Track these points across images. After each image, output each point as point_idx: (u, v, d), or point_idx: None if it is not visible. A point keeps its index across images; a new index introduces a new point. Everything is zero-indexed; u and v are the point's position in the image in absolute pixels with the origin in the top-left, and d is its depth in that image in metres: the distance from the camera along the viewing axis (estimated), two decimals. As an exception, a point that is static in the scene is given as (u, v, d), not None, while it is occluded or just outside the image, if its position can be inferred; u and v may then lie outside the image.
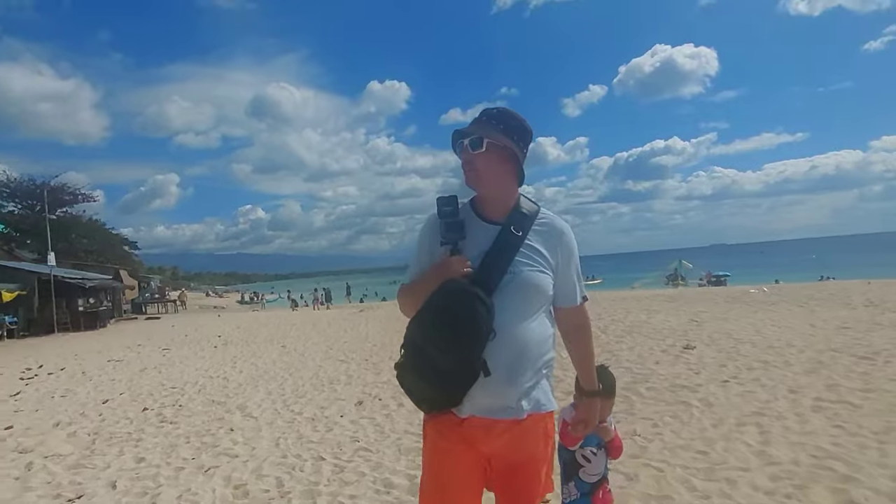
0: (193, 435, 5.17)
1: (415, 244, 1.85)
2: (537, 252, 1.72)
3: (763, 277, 33.57)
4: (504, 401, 1.64)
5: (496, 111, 1.77)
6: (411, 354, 1.65)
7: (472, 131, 1.72)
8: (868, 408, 4.36)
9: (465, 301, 1.56)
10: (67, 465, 4.49)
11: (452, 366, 1.58)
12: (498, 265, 1.65)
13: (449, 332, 1.56)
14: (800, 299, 13.10)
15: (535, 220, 1.76)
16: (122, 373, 9.27)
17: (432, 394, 1.65)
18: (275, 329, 16.08)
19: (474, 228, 1.73)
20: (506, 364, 1.62)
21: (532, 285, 1.68)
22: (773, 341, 7.36)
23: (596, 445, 2.24)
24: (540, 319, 1.73)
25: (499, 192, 1.76)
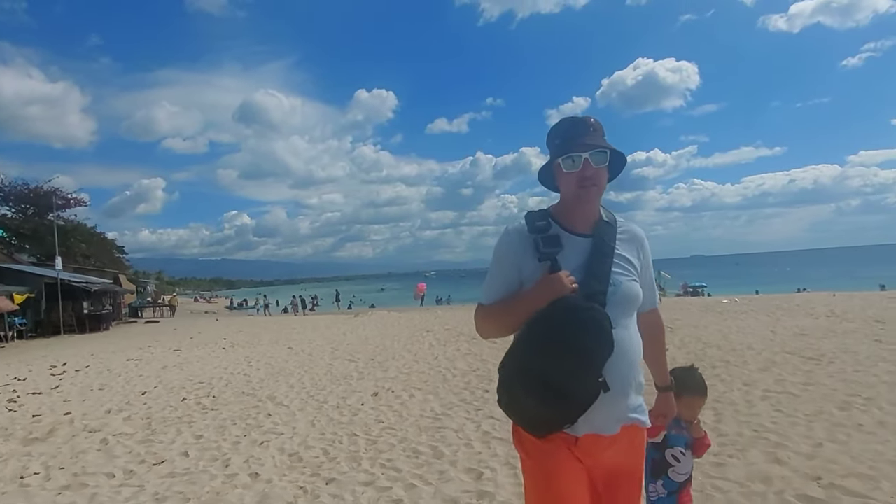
0: (237, 418, 5.99)
1: (494, 261, 1.74)
2: (627, 261, 1.71)
3: (740, 289, 34.93)
4: (618, 413, 1.63)
5: (594, 119, 1.72)
6: (526, 378, 1.56)
7: (592, 143, 1.66)
8: (805, 397, 5.33)
9: (592, 318, 1.52)
10: (137, 441, 5.31)
11: (579, 386, 1.53)
12: (600, 278, 1.62)
13: (580, 353, 1.51)
14: (768, 309, 14.18)
15: (616, 228, 1.75)
16: (146, 370, 10.02)
17: (552, 415, 1.57)
18: (277, 332, 16.87)
19: (567, 242, 1.67)
20: (621, 377, 1.60)
21: (632, 294, 1.67)
22: (736, 345, 8.39)
23: (684, 446, 2.30)
24: (636, 327, 1.73)
25: (597, 205, 1.75)
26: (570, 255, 1.64)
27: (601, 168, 1.65)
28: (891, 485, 3.23)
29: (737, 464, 3.74)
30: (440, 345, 11.18)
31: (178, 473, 4.31)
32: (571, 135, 1.67)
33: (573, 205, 1.71)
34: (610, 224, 1.73)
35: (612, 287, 1.62)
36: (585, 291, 1.57)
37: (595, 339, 1.51)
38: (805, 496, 3.17)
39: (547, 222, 1.68)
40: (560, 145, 1.69)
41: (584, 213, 1.71)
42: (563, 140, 1.69)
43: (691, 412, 2.31)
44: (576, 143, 1.64)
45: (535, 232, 1.66)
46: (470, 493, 3.59)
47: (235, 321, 25.49)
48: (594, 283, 1.60)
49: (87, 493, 3.99)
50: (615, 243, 1.69)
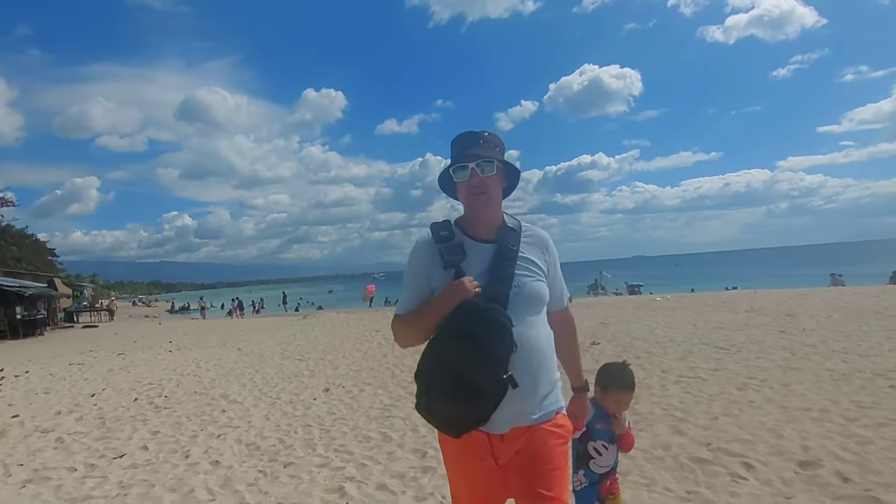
0: (192, 415, 6.23)
1: (406, 272, 1.87)
2: (532, 262, 1.82)
3: (676, 287, 36.76)
4: (530, 408, 1.73)
5: (487, 133, 1.85)
6: (440, 380, 1.66)
7: (480, 154, 1.79)
8: (712, 381, 6.03)
9: (492, 319, 1.62)
10: (93, 438, 5.50)
11: (486, 383, 1.61)
12: (503, 280, 1.74)
13: (482, 351, 1.60)
14: (695, 306, 15.24)
15: (521, 233, 1.87)
16: (90, 373, 9.98)
17: (464, 415, 1.66)
18: (224, 335, 16.85)
19: (471, 249, 1.79)
20: (529, 373, 1.70)
21: (536, 294, 1.79)
22: (660, 338, 9.18)
23: (608, 440, 2.38)
24: (545, 325, 1.84)
25: (495, 212, 1.86)
26: (474, 261, 1.77)
27: (489, 177, 1.78)
28: (765, 446, 3.89)
29: (645, 436, 4.32)
30: (389, 343, 11.55)
31: (139, 465, 4.57)
32: (463, 146, 1.84)
33: (471, 213, 1.85)
34: (514, 230, 1.86)
35: (515, 288, 1.75)
36: (488, 293, 1.70)
37: (496, 337, 1.61)
38: (696, 458, 3.77)
39: (450, 232, 1.81)
40: (454, 156, 1.85)
41: (484, 220, 1.84)
42: (456, 152, 1.85)
43: (618, 406, 2.36)
44: (465, 154, 1.80)
45: (440, 241, 1.79)
46: (415, 469, 4.04)
47: (179, 325, 25.07)
48: (497, 286, 1.73)
49: (52, 486, 4.21)
50: (519, 247, 1.82)
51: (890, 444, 3.79)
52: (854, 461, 3.54)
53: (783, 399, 5.07)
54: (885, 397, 4.91)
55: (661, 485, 3.42)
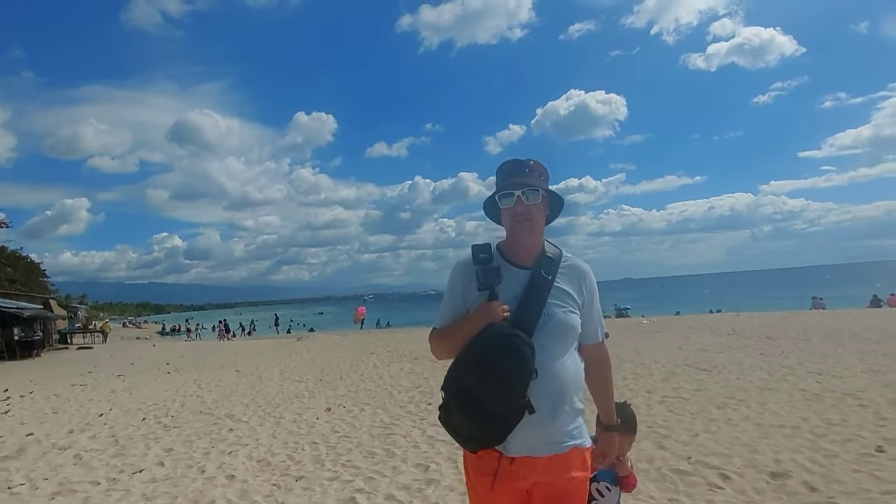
0: (201, 434, 6.51)
1: (446, 289, 1.92)
2: (566, 293, 1.84)
3: (663, 310, 37.32)
4: (547, 436, 1.74)
5: (533, 161, 1.89)
6: (459, 396, 1.72)
7: (526, 182, 1.83)
8: (693, 400, 6.42)
9: (512, 343, 1.66)
10: (110, 455, 5.76)
11: (501, 406, 1.66)
12: (533, 308, 1.77)
13: (499, 374, 1.65)
14: (680, 329, 15.71)
15: (559, 262, 1.89)
16: (94, 394, 10.20)
17: (480, 433, 1.71)
18: (221, 357, 17.06)
19: (507, 274, 1.82)
20: (548, 401, 1.71)
21: (566, 325, 1.80)
22: (646, 359, 9.59)
23: (611, 481, 2.33)
24: (573, 357, 1.84)
25: (537, 240, 1.89)
26: (509, 286, 1.80)
27: (534, 205, 1.82)
28: (740, 459, 4.27)
29: (631, 452, 4.68)
30: (384, 365, 11.86)
31: (159, 479, 4.86)
32: (509, 174, 1.87)
33: (513, 239, 1.88)
34: (552, 259, 1.88)
35: (544, 317, 1.77)
36: (515, 319, 1.74)
37: (513, 363, 1.65)
38: (677, 470, 4.14)
39: (489, 255, 1.86)
40: (499, 183, 1.90)
41: (525, 246, 1.87)
42: (502, 179, 1.89)
43: (620, 448, 2.28)
44: (511, 182, 1.84)
45: (478, 263, 1.83)
46: (420, 481, 4.37)
47: (173, 347, 25.18)
48: (525, 313, 1.76)
49: (79, 498, 4.49)
50: (555, 277, 1.84)
51: (854, 458, 4.17)
52: (820, 472, 3.92)
53: (759, 417, 5.47)
54: (852, 415, 5.31)
55: (646, 493, 3.78)
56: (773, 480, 3.85)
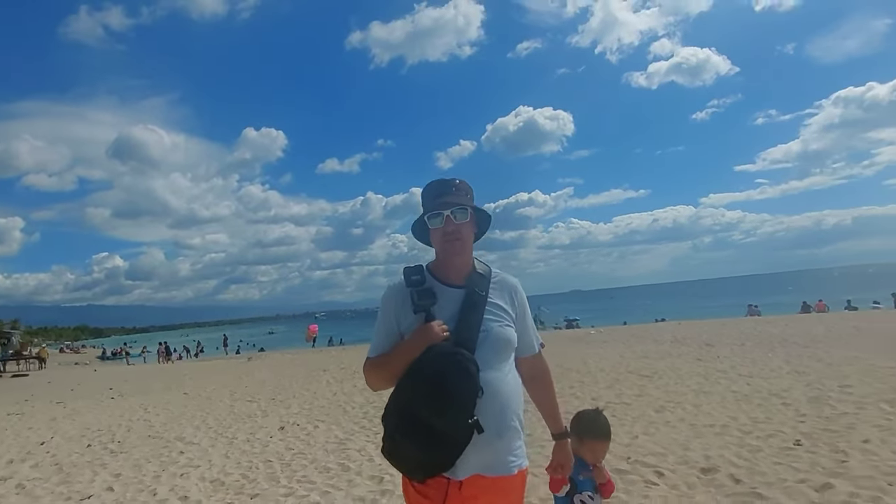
0: (151, 457, 6.41)
1: (378, 316, 1.89)
2: (500, 308, 1.86)
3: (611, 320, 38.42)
4: (495, 457, 1.74)
5: (459, 181, 1.92)
6: (406, 423, 1.67)
7: (454, 201, 1.84)
8: (634, 405, 6.76)
9: (458, 362, 1.64)
10: (55, 483, 5.62)
11: (451, 428, 1.63)
12: (471, 325, 1.76)
13: (448, 395, 1.62)
14: (625, 338, 16.29)
15: (490, 278, 1.90)
16: (33, 422, 9.79)
17: (430, 459, 1.66)
18: (168, 380, 16.59)
19: (441, 293, 1.81)
20: (494, 419, 1.71)
21: (504, 339, 1.81)
22: (591, 367, 9.98)
23: (593, 489, 2.33)
24: (512, 372, 1.87)
25: (467, 258, 1.91)
26: (444, 306, 1.79)
27: (463, 223, 1.84)
28: (674, 457, 4.58)
29: (576, 454, 4.94)
30: (337, 382, 11.86)
31: (108, 504, 4.81)
32: (436, 194, 1.88)
33: (444, 258, 1.89)
34: (483, 275, 1.90)
35: (482, 333, 1.77)
36: (456, 338, 1.73)
37: (461, 382, 1.63)
38: (617, 469, 4.40)
39: (421, 276, 1.85)
40: (427, 204, 1.89)
41: (455, 265, 1.88)
42: (430, 199, 1.89)
43: (594, 456, 2.34)
44: (439, 202, 1.84)
45: (411, 286, 1.82)
46: (374, 493, 4.50)
47: (116, 371, 24.23)
48: (465, 331, 1.75)
49: (25, 527, 4.41)
50: (488, 293, 1.86)
51: (776, 452, 4.54)
52: (745, 466, 4.26)
53: (693, 418, 5.84)
54: (776, 413, 5.74)
55: (588, 493, 4.02)
56: (703, 475, 4.16)
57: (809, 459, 4.25)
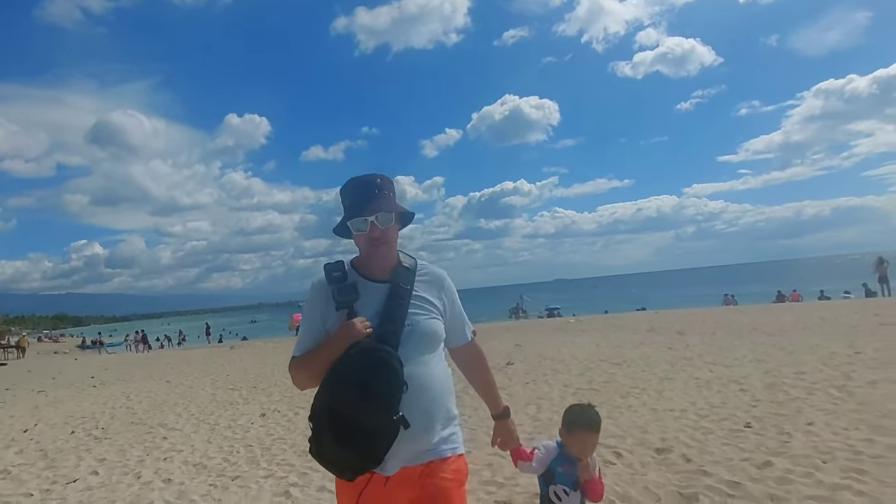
0: (134, 443, 6.60)
1: (303, 315, 1.89)
2: (426, 301, 1.85)
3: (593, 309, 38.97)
4: (423, 448, 1.72)
5: (380, 180, 1.85)
6: (330, 424, 1.65)
7: (379, 207, 1.79)
8: (602, 391, 7.08)
9: (381, 359, 1.63)
10: (40, 468, 5.80)
11: (376, 426, 1.61)
12: (396, 320, 1.74)
13: (372, 392, 1.60)
14: (603, 327, 16.67)
15: (416, 272, 1.89)
16: (15, 411, 9.89)
17: (358, 459, 1.65)
18: (150, 368, 16.67)
19: (365, 289, 1.80)
20: (422, 413, 1.69)
21: (430, 332, 1.80)
22: (566, 356, 10.30)
23: (570, 485, 2.24)
24: (442, 364, 1.86)
25: (393, 256, 1.89)
26: (368, 302, 1.78)
27: (388, 227, 1.82)
28: (632, 439, 4.89)
29: (541, 437, 5.23)
30: (319, 370, 12.08)
31: (94, 487, 5.01)
32: (359, 198, 1.82)
33: (369, 259, 1.87)
34: (409, 269, 1.89)
35: (407, 327, 1.76)
36: (379, 333, 1.71)
37: (384, 378, 1.61)
38: (578, 451, 4.70)
39: (343, 273, 1.82)
40: (349, 207, 1.85)
41: (379, 262, 1.86)
42: (352, 202, 1.84)
43: (582, 449, 2.25)
44: (363, 208, 1.79)
45: (333, 283, 1.80)
46: (350, 474, 4.74)
47: (96, 360, 24.21)
48: (388, 325, 1.74)
49: (13, 508, 4.59)
50: (413, 286, 1.85)
51: (726, 433, 4.85)
52: (696, 447, 4.56)
53: (655, 403, 6.16)
54: (733, 398, 6.07)
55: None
56: (658, 455, 4.46)
57: (756, 440, 4.57)
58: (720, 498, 3.51)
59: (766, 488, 3.58)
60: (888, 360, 7.20)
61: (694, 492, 3.64)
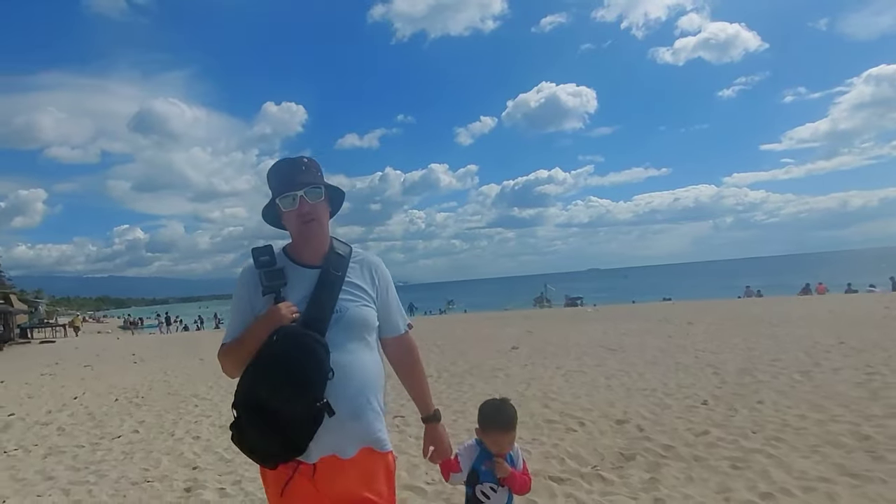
0: (169, 409, 7.49)
1: (233, 301, 1.83)
2: (358, 287, 1.79)
3: (621, 299, 39.18)
4: (349, 438, 1.67)
5: (307, 159, 1.83)
6: (251, 411, 1.60)
7: (306, 181, 1.76)
8: (590, 374, 7.67)
9: (304, 345, 1.59)
10: (90, 427, 6.71)
11: (298, 413, 1.57)
12: (324, 306, 1.71)
13: (293, 378, 1.57)
14: (617, 316, 17.16)
15: (350, 258, 1.84)
16: (65, 382, 11.01)
17: (280, 447, 1.61)
18: (186, 348, 17.85)
19: (294, 274, 1.76)
20: (348, 401, 1.65)
21: (359, 319, 1.75)
22: (569, 342, 10.93)
23: (495, 482, 2.15)
24: (372, 353, 1.81)
25: (324, 238, 1.83)
26: (296, 287, 1.74)
27: (318, 203, 1.77)
28: (598, 412, 5.51)
29: (522, 411, 5.86)
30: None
31: (135, 441, 5.87)
32: (286, 176, 1.78)
33: (301, 241, 1.81)
34: (342, 255, 1.84)
35: (336, 314, 1.71)
36: (306, 319, 1.67)
37: (307, 363, 1.57)
38: (548, 420, 5.35)
39: (271, 257, 1.77)
40: (277, 186, 1.79)
41: (311, 246, 1.81)
42: (279, 181, 1.79)
43: (498, 447, 2.15)
44: (291, 183, 1.75)
45: (260, 267, 1.74)
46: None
47: (137, 339, 25.75)
48: (316, 311, 1.69)
49: (69, 456, 5.47)
50: (346, 272, 1.80)
51: (682, 409, 5.42)
52: (651, 419, 5.16)
53: (632, 383, 6.75)
54: (703, 380, 6.62)
55: (518, 435, 4.95)
56: (616, 425, 5.07)
57: (705, 415, 5.15)
58: (653, 458, 4.12)
59: (694, 451, 4.18)
60: (864, 350, 7.63)
61: (633, 452, 4.26)
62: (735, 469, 3.74)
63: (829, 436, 4.24)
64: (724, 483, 3.53)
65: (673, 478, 3.70)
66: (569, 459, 4.27)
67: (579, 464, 4.14)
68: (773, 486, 3.38)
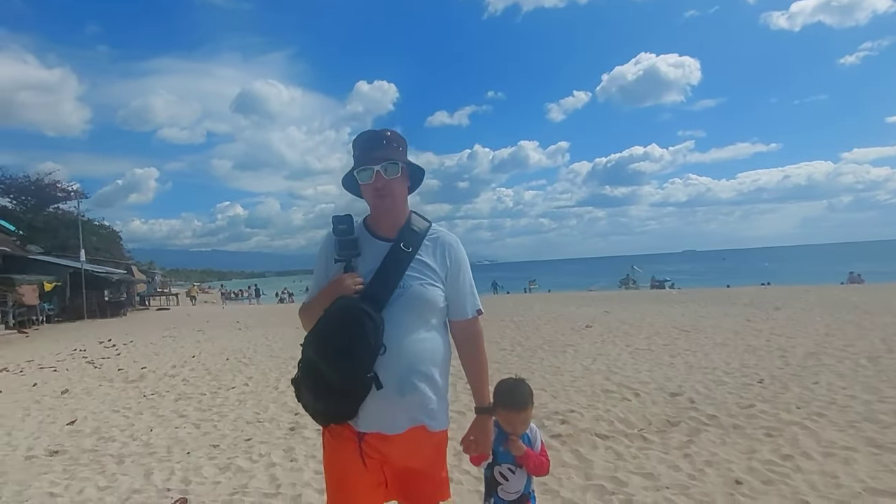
0: (273, 369, 8.54)
1: (316, 264, 1.92)
2: (427, 266, 1.80)
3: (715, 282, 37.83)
4: (397, 414, 1.71)
5: (390, 133, 1.84)
6: (306, 370, 1.73)
7: (385, 156, 1.77)
8: (658, 352, 7.97)
9: (353, 317, 1.63)
10: (208, 380, 7.83)
11: (343, 381, 1.64)
12: (388, 281, 1.73)
13: (338, 349, 1.61)
14: (702, 299, 16.97)
15: (425, 235, 1.85)
16: (182, 343, 12.56)
17: (324, 408, 1.72)
18: (282, 316, 19.49)
19: (367, 245, 1.81)
20: (396, 377, 1.68)
21: (422, 298, 1.76)
22: (644, 323, 11.18)
23: (513, 463, 2.15)
24: (432, 333, 1.81)
25: (400, 213, 1.86)
26: (367, 258, 1.79)
27: (394, 179, 1.78)
28: (654, 385, 5.87)
29: (583, 382, 6.35)
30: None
31: (246, 392, 6.88)
32: (366, 148, 1.80)
33: (376, 214, 1.86)
34: (417, 231, 1.84)
35: (399, 290, 1.73)
36: (367, 292, 1.71)
37: (354, 338, 1.61)
38: (606, 390, 5.77)
39: (348, 226, 1.82)
40: (357, 157, 1.82)
41: (387, 219, 1.85)
42: (360, 152, 1.81)
43: (512, 427, 2.12)
44: (369, 157, 1.77)
45: (337, 235, 1.81)
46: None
47: (239, 309, 28.25)
48: (378, 285, 1.73)
49: (195, 399, 6.55)
50: (417, 249, 1.81)
51: (738, 386, 5.65)
52: (704, 393, 5.48)
53: (696, 362, 7.01)
54: (767, 361, 6.78)
55: (576, 402, 5.45)
56: (670, 397, 5.44)
57: (757, 392, 5.40)
58: (696, 424, 4.51)
59: (735, 420, 4.53)
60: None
61: (678, 420, 4.66)
62: (768, 437, 4.08)
63: (870, 413, 4.45)
64: (752, 446, 3.90)
65: (708, 441, 4.10)
66: (617, 422, 4.72)
67: (627, 426, 4.60)
68: (797, 451, 3.73)
